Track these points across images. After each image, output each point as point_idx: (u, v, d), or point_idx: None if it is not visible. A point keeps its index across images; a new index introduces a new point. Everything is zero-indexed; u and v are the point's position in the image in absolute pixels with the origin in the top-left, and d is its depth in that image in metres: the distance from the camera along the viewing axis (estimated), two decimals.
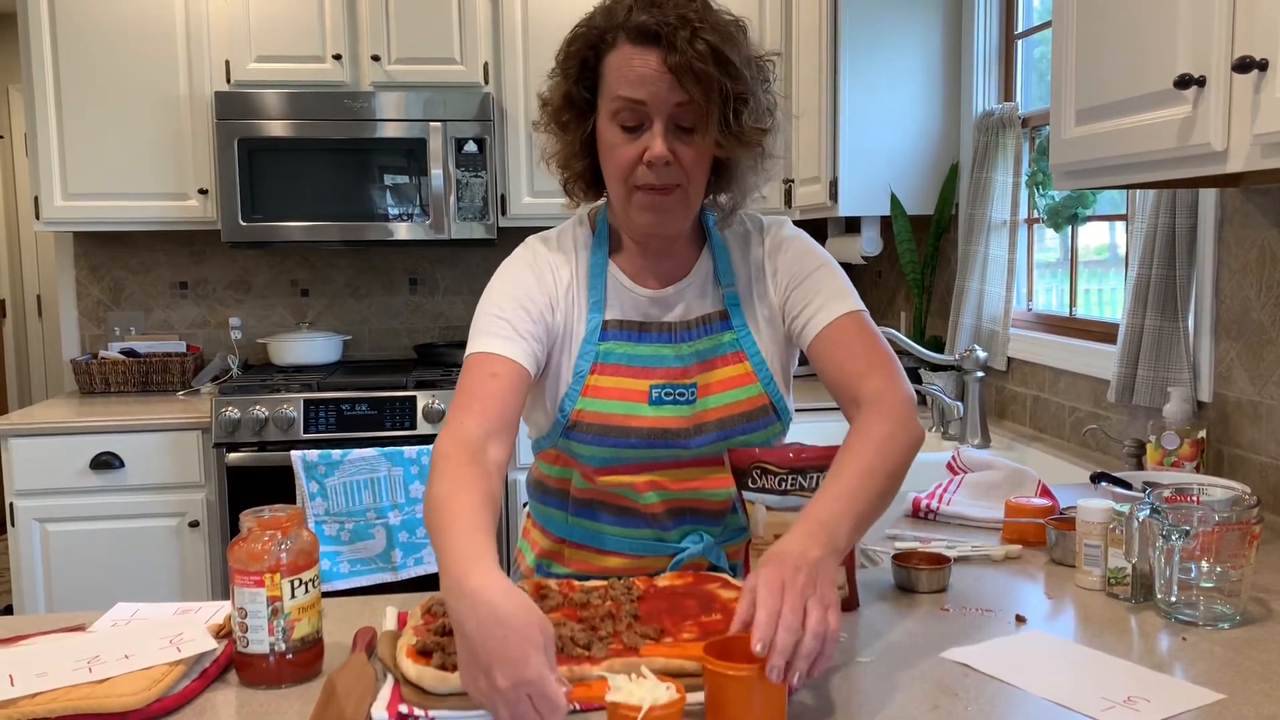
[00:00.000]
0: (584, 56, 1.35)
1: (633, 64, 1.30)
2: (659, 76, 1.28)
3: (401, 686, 1.09)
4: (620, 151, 1.33)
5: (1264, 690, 1.10)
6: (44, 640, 1.22)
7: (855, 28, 3.05)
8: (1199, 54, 1.36)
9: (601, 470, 1.42)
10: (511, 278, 1.42)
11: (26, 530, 3.12)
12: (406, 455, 3.10)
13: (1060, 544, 1.54)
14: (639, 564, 1.46)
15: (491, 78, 3.56)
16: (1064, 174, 1.73)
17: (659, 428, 1.39)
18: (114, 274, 3.83)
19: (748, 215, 1.51)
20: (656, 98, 1.29)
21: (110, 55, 3.39)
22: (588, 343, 1.41)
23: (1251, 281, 1.93)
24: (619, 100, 1.31)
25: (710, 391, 1.41)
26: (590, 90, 1.36)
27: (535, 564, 1.55)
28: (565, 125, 1.38)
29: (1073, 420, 2.54)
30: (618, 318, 1.43)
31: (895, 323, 3.57)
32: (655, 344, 1.42)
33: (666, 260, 1.46)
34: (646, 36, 1.29)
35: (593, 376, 1.40)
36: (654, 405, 1.39)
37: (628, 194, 1.36)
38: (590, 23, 1.35)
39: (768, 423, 1.43)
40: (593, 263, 1.44)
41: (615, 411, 1.39)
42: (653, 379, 1.40)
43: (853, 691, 1.10)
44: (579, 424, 1.39)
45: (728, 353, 1.43)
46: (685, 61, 1.26)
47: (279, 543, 1.13)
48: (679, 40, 1.27)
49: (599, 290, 1.43)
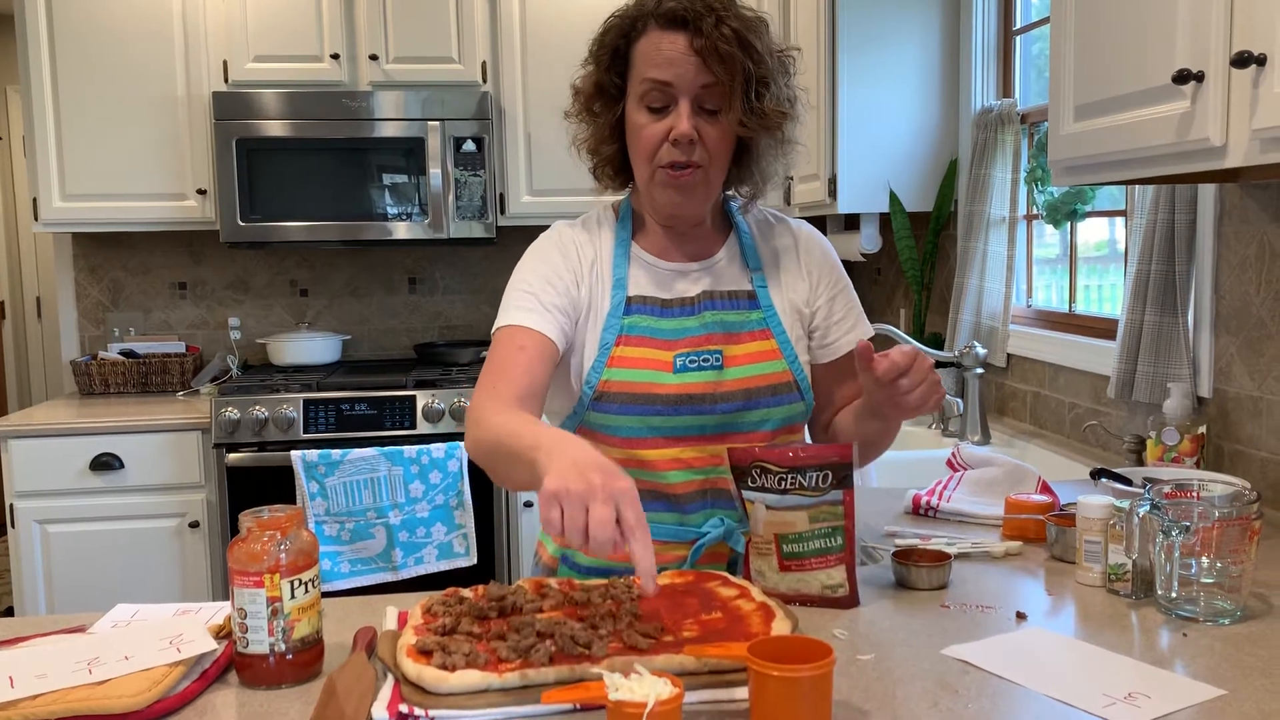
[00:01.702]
0: (615, 45, 1.43)
1: (661, 47, 1.38)
2: (685, 59, 1.37)
3: (402, 686, 1.09)
4: (647, 131, 1.41)
5: (1265, 686, 1.10)
6: (44, 642, 1.22)
7: (853, 25, 3.05)
8: (1197, 49, 1.36)
9: (628, 443, 1.45)
10: (538, 255, 1.49)
11: (26, 531, 3.12)
12: (406, 455, 3.10)
13: (1060, 540, 1.54)
14: (660, 551, 1.43)
15: (490, 76, 3.56)
16: (1063, 170, 1.73)
17: (684, 393, 1.44)
18: (113, 275, 3.83)
19: (764, 208, 1.60)
20: (683, 79, 1.38)
21: (108, 56, 3.39)
22: (612, 316, 1.46)
23: (1251, 277, 1.93)
24: (647, 82, 1.39)
25: (736, 362, 1.46)
26: (620, 76, 1.44)
27: (559, 554, 1.54)
28: (596, 112, 1.47)
29: (1073, 416, 2.54)
30: (641, 293, 1.49)
31: (895, 319, 3.57)
32: (679, 317, 1.48)
33: (692, 242, 1.53)
34: (674, 21, 1.38)
35: (618, 348, 1.45)
36: (678, 373, 1.44)
37: (652, 174, 1.43)
38: (622, 13, 1.44)
39: (792, 399, 1.48)
40: (617, 242, 1.51)
41: (641, 380, 1.43)
42: (677, 349, 1.45)
43: (853, 689, 1.10)
44: (605, 394, 1.43)
45: (755, 329, 1.49)
46: (711, 44, 1.35)
47: (278, 543, 1.13)
48: (705, 25, 1.36)
49: (623, 267, 1.49)
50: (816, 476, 1.30)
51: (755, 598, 1.27)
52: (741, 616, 1.21)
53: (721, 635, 1.16)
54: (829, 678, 0.98)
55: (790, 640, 1.02)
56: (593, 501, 1.04)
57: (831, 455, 1.30)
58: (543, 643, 1.12)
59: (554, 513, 1.05)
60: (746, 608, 1.24)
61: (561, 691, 1.01)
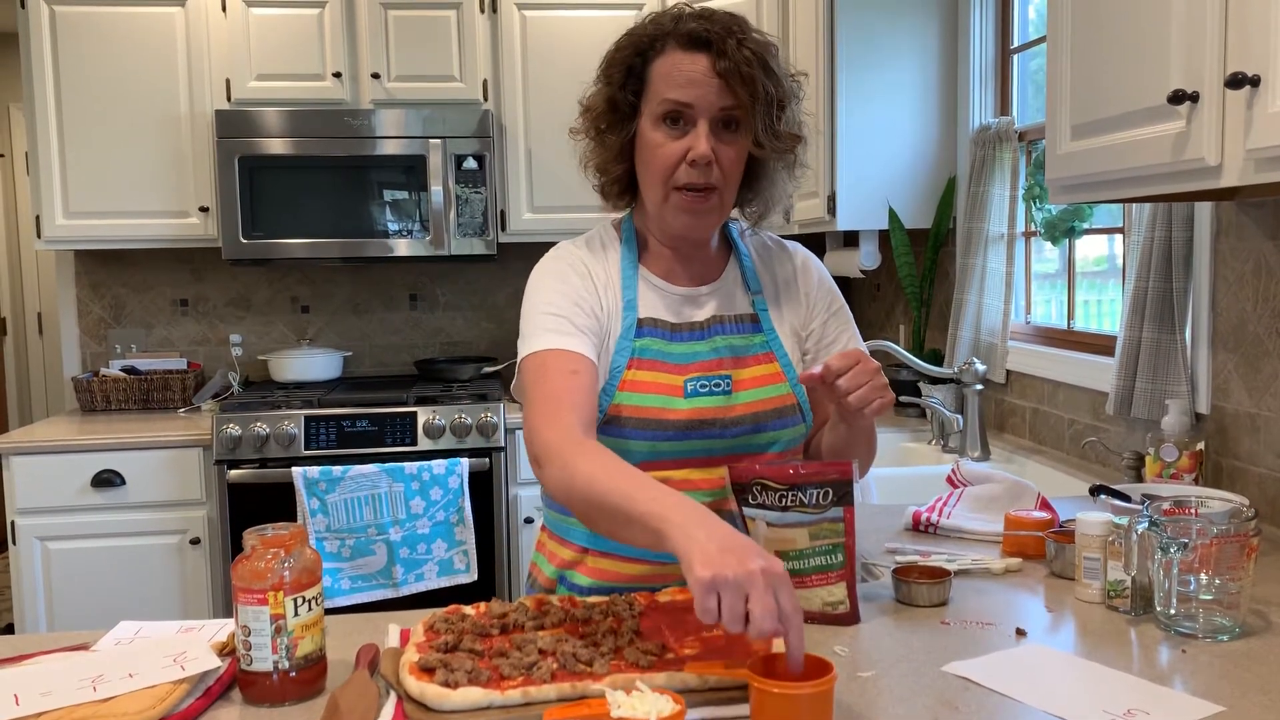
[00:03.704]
0: (630, 63, 1.42)
1: (682, 68, 1.38)
2: (708, 80, 1.37)
3: (405, 703, 1.09)
4: (663, 151, 1.40)
5: (1263, 702, 1.11)
6: (48, 659, 1.23)
7: (851, 43, 3.07)
8: (1192, 70, 1.37)
9: (640, 465, 1.42)
10: (557, 277, 1.47)
11: (27, 548, 3.12)
12: (407, 471, 3.10)
13: (1060, 557, 1.55)
14: (662, 571, 1.43)
15: (491, 94, 3.58)
16: (1060, 189, 1.75)
17: (695, 418, 1.43)
18: (115, 292, 3.85)
19: (762, 232, 1.60)
20: (704, 100, 1.37)
21: (111, 74, 3.41)
22: (624, 339, 1.45)
23: (1248, 294, 1.94)
24: (667, 102, 1.39)
25: (744, 386, 1.47)
26: (635, 95, 1.43)
27: (556, 575, 1.52)
28: (606, 130, 1.45)
29: (1072, 433, 2.55)
30: (651, 316, 1.48)
31: (894, 336, 3.58)
32: (688, 342, 1.48)
33: (696, 264, 1.53)
34: (696, 43, 1.38)
35: (630, 371, 1.44)
36: (689, 398, 1.44)
37: (665, 195, 1.42)
38: (638, 31, 1.43)
39: (795, 422, 1.49)
40: (624, 264, 1.50)
41: (653, 404, 1.43)
42: (688, 373, 1.45)
43: (854, 706, 1.10)
44: (617, 418, 1.43)
45: (759, 353, 1.50)
46: (734, 66, 1.35)
47: (282, 561, 1.14)
48: (728, 47, 1.36)
49: (632, 289, 1.48)
50: (817, 494, 1.31)
51: None
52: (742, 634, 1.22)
53: (722, 652, 1.17)
54: (830, 695, 0.99)
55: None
56: (753, 589, 1.02)
57: (832, 472, 1.31)
58: (545, 660, 1.13)
59: (712, 602, 1.03)
60: None
61: (563, 709, 1.02)
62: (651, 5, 3.54)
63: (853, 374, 1.32)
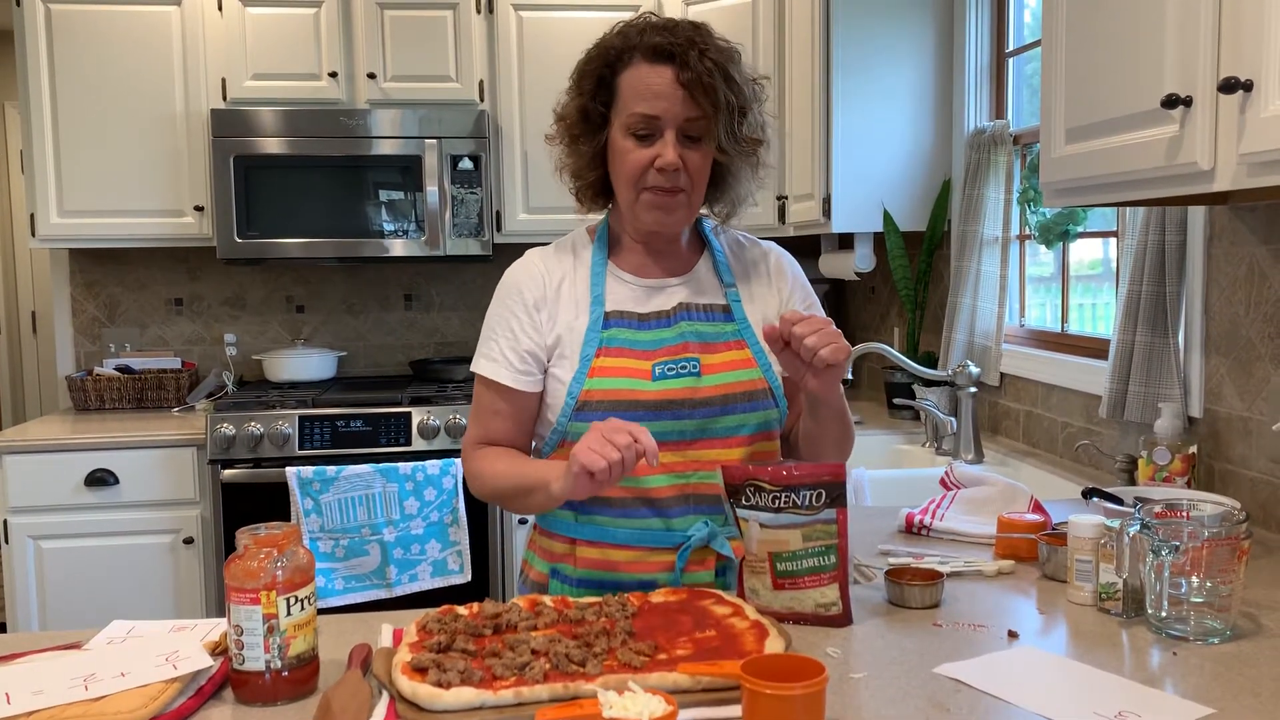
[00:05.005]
0: (600, 74, 1.48)
1: (649, 81, 1.44)
2: (672, 92, 1.43)
3: (397, 703, 1.09)
4: (632, 158, 1.46)
5: (1254, 705, 1.11)
6: (40, 658, 1.23)
7: (847, 46, 3.07)
8: (1185, 74, 1.38)
9: None
10: (502, 303, 1.56)
11: (20, 547, 3.11)
12: (401, 472, 3.10)
13: (1052, 559, 1.55)
14: (647, 557, 1.48)
15: (487, 95, 3.58)
16: (1054, 192, 1.75)
17: (664, 399, 1.47)
18: (109, 291, 3.84)
19: (734, 230, 1.66)
20: (669, 112, 1.44)
21: (107, 73, 3.40)
22: (591, 330, 1.50)
23: (1240, 298, 1.95)
24: (635, 116, 1.45)
25: (713, 369, 1.50)
26: (605, 105, 1.49)
27: (548, 569, 1.55)
28: (579, 138, 1.51)
29: (1065, 436, 2.56)
30: (619, 309, 1.53)
31: (888, 338, 3.58)
32: (655, 329, 1.52)
33: (667, 259, 1.58)
34: (661, 55, 1.44)
35: (598, 359, 1.49)
36: (657, 380, 1.48)
37: (636, 195, 1.49)
38: (606, 44, 1.49)
39: (766, 405, 1.52)
40: (594, 262, 1.56)
41: (621, 387, 1.47)
42: (655, 358, 1.49)
43: (845, 707, 1.10)
44: (587, 404, 1.47)
45: (730, 340, 1.53)
46: (696, 77, 1.41)
47: (275, 560, 1.14)
48: (691, 58, 1.42)
49: (600, 285, 1.53)
50: (810, 495, 1.31)
51: (748, 616, 1.28)
52: (735, 635, 1.22)
53: (715, 653, 1.17)
54: (821, 696, 0.99)
55: (783, 658, 1.03)
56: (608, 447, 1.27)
57: (825, 474, 1.31)
58: (537, 660, 1.13)
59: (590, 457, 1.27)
60: (740, 626, 1.25)
61: (556, 709, 1.02)
62: (648, 7, 3.54)
63: (807, 321, 1.36)
